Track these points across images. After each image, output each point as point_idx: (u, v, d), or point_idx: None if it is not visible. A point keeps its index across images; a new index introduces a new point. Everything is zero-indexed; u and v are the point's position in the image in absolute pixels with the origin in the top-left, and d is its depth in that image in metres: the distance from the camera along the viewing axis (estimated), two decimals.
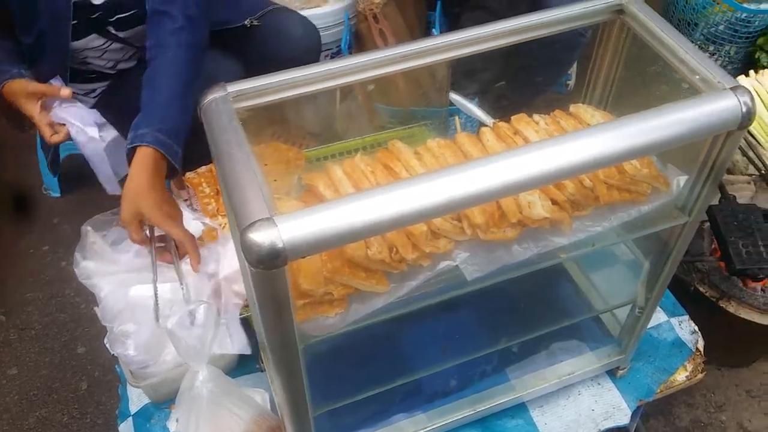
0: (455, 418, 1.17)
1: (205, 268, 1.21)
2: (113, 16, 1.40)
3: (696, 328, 1.35)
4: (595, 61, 1.07)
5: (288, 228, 0.65)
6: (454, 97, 1.57)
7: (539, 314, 1.25)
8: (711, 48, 2.37)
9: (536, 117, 1.04)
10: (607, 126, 0.79)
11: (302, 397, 0.88)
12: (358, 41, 2.04)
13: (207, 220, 1.31)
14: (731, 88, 0.81)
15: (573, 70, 2.33)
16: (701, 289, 1.47)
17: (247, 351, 1.18)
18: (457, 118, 1.68)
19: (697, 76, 0.86)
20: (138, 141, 1.16)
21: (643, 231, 1.01)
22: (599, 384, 1.27)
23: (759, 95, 2.06)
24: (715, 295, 1.46)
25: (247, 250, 0.66)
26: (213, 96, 0.83)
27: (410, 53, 0.94)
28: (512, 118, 1.03)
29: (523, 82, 2.13)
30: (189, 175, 1.43)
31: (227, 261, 1.20)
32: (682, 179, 0.98)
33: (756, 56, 2.31)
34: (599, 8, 0.97)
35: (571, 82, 2.35)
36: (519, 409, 1.23)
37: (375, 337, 1.06)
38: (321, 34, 1.87)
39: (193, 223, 1.31)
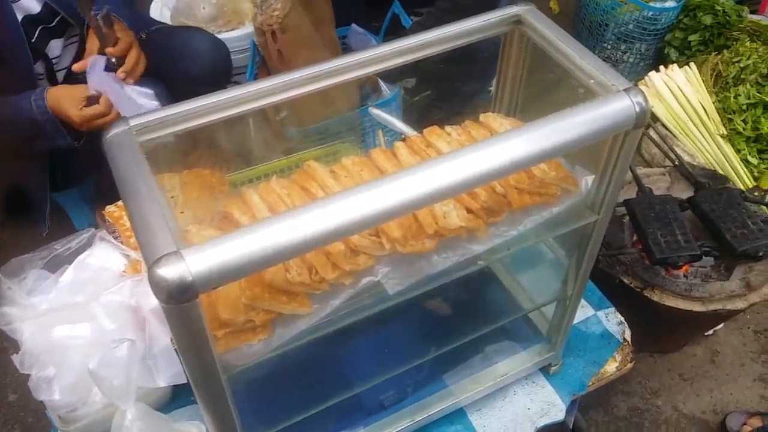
0: (395, 430, 1.17)
1: (129, 301, 1.18)
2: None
3: (622, 319, 1.39)
4: (500, 71, 1.10)
5: (196, 260, 0.64)
6: (374, 111, 1.59)
7: (470, 318, 1.28)
8: (623, 47, 2.46)
9: (448, 128, 1.06)
10: (512, 133, 0.82)
11: (232, 427, 0.87)
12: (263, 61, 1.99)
13: (131, 253, 1.28)
14: (625, 90, 0.85)
15: None
16: (626, 280, 1.52)
17: (177, 381, 1.16)
18: (380, 131, 1.70)
19: (593, 81, 0.89)
20: None
21: (557, 231, 1.04)
22: (534, 382, 1.30)
23: (670, 89, 2.15)
24: (640, 285, 1.52)
25: (155, 286, 0.65)
26: (115, 131, 0.81)
27: (321, 73, 0.95)
28: (424, 131, 1.05)
29: (450, 92, 2.17)
30: (109, 209, 1.40)
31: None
32: (590, 179, 1.01)
33: (665, 51, 2.41)
34: (497, 20, 1.00)
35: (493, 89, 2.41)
36: (457, 414, 1.25)
37: (306, 358, 1.06)
38: (239, 56, 1.87)
39: (116, 256, 1.28)
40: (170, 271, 0.64)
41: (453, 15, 1.76)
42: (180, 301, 0.65)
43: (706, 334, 1.79)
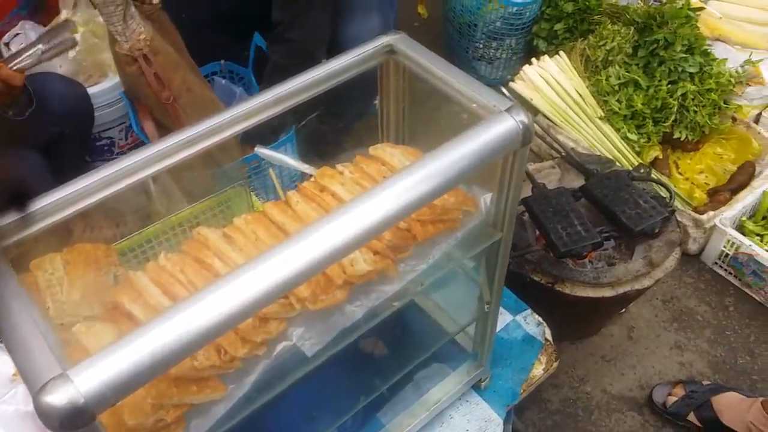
0: None
1: (26, 408, 1.08)
2: None
3: (540, 319, 1.41)
4: (381, 101, 1.08)
5: (87, 380, 0.58)
6: (262, 152, 1.53)
7: (399, 353, 1.25)
8: (494, 44, 2.51)
9: (340, 167, 1.02)
10: (411, 171, 0.78)
11: None
12: (132, 89, 1.85)
13: None
14: (506, 110, 0.84)
15: None
16: (536, 278, 1.54)
17: None
18: (271, 170, 1.65)
19: (474, 104, 0.88)
20: None
21: (465, 255, 1.03)
22: (467, 401, 1.29)
23: (545, 80, 2.21)
24: (550, 280, 1.54)
25: (44, 416, 0.57)
26: None
27: (205, 132, 0.90)
28: (316, 174, 1.01)
29: (337, 109, 2.14)
30: None
31: None
32: (488, 197, 1.00)
33: (535, 43, 2.48)
34: (371, 53, 0.98)
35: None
36: None
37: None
38: (108, 110, 1.77)
39: (4, 358, 1.16)
40: (58, 398, 0.57)
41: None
42: (75, 427, 0.58)
43: (619, 312, 1.84)
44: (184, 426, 0.80)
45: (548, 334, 1.38)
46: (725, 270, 1.98)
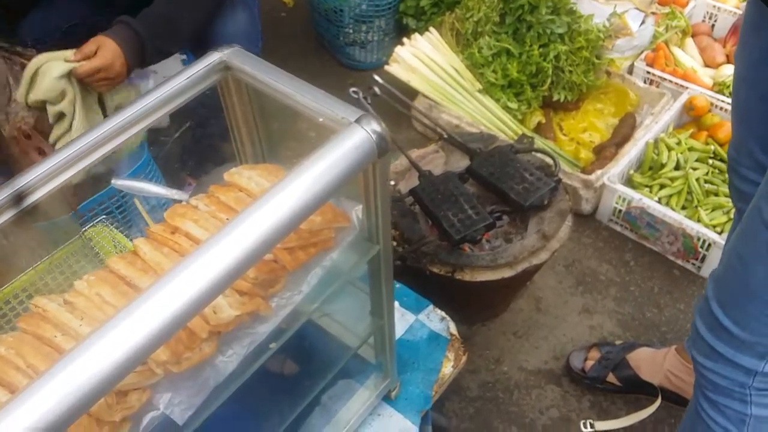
0: None
1: None
2: None
3: (443, 314, 1.36)
4: (229, 121, 0.99)
5: None
6: (119, 183, 1.41)
7: (302, 377, 1.17)
8: (364, 28, 2.44)
9: (193, 201, 0.92)
10: (261, 203, 0.70)
11: None
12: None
13: None
14: (356, 122, 0.77)
15: None
16: (435, 270, 1.50)
17: None
18: (136, 200, 1.52)
19: (321, 118, 0.81)
20: None
21: (346, 275, 0.95)
22: (379, 415, 1.23)
23: (419, 59, 2.16)
24: (449, 270, 1.50)
25: None
26: None
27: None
28: (165, 214, 0.90)
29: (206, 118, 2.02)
30: None
31: None
32: (359, 209, 0.94)
33: (404, 22, 2.43)
34: (203, 72, 0.88)
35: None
36: None
37: None
38: None
39: None
40: None
41: None
42: None
43: (525, 286, 1.83)
44: None
45: (453, 328, 1.34)
46: (621, 226, 2.00)
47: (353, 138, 0.76)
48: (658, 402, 1.53)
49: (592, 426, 1.59)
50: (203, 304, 0.63)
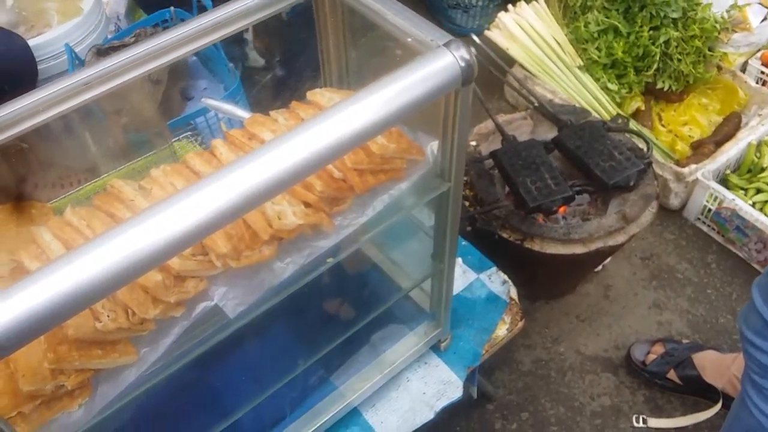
0: None
1: None
2: None
3: (506, 277, 1.34)
4: (320, 40, 0.99)
5: None
6: (208, 102, 1.45)
7: (348, 308, 1.19)
8: None
9: (273, 114, 0.94)
10: (333, 111, 0.70)
11: None
12: None
13: None
14: (445, 45, 0.75)
15: None
16: (504, 235, 1.47)
17: None
18: (221, 123, 1.56)
19: (410, 39, 0.79)
20: None
21: (411, 207, 0.95)
22: (426, 363, 1.22)
23: (522, 27, 2.11)
24: (519, 237, 1.46)
25: None
26: None
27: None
28: (245, 122, 0.92)
29: (302, 63, 2.05)
30: None
31: None
32: (435, 144, 0.92)
33: None
34: None
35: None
36: (351, 415, 1.16)
37: (161, 397, 0.93)
38: (53, 63, 1.68)
39: None
40: None
41: None
42: None
43: (595, 270, 1.78)
44: (90, 393, 0.73)
45: (513, 293, 1.31)
46: (708, 226, 1.90)
47: (439, 61, 0.74)
48: (718, 407, 1.46)
49: (644, 422, 1.53)
50: (260, 198, 0.64)
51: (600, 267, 1.78)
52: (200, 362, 0.81)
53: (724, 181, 1.92)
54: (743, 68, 2.17)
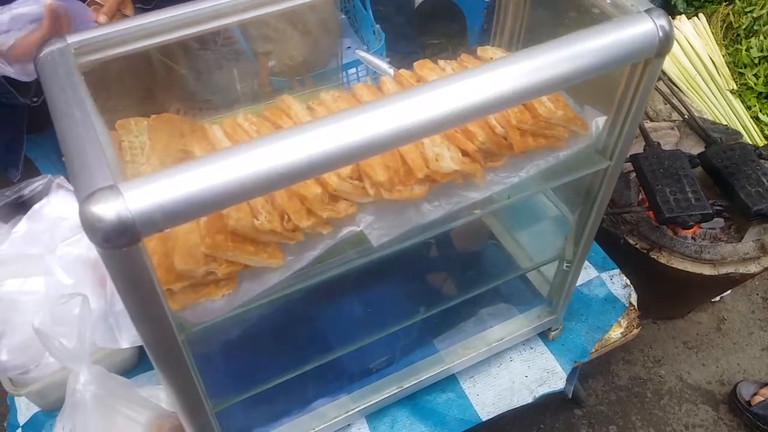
0: (381, 398, 1.08)
1: (88, 254, 1.07)
2: None
3: (628, 281, 1.29)
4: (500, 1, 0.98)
5: (137, 196, 0.53)
6: (363, 55, 1.46)
7: (462, 277, 1.18)
8: None
9: (441, 63, 0.94)
10: (512, 59, 0.69)
11: (195, 394, 0.77)
12: None
13: None
14: (646, 11, 0.73)
15: None
16: (631, 241, 1.42)
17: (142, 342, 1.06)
18: (368, 78, 1.58)
19: (608, 0, 0.77)
20: None
21: (563, 179, 0.92)
22: (531, 348, 1.20)
23: (678, 42, 2.03)
24: (646, 246, 1.41)
25: (88, 226, 0.54)
26: (49, 49, 0.69)
27: None
28: (415, 64, 0.93)
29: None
30: None
31: None
32: (601, 120, 0.90)
33: (672, 2, 2.28)
34: None
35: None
36: (449, 381, 1.15)
37: (279, 317, 0.95)
38: None
39: (74, 205, 1.16)
40: (104, 208, 0.53)
41: None
42: (118, 244, 0.54)
43: (712, 300, 1.69)
44: (234, 286, 0.75)
45: (633, 299, 1.27)
46: None
47: (636, 27, 0.72)
48: None
49: None
50: (424, 132, 0.64)
51: (718, 298, 1.69)
52: (331, 286, 0.82)
53: None
54: None
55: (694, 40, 2.02)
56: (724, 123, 1.93)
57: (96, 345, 1.01)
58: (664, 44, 0.73)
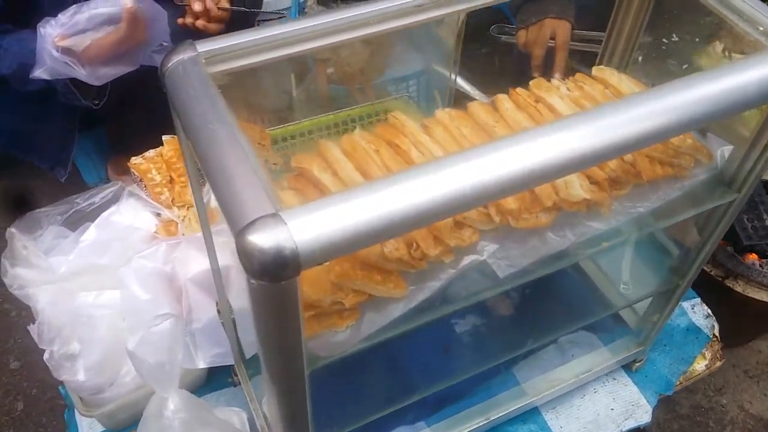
0: (467, 430, 1.03)
1: (164, 268, 1.02)
2: None
3: (709, 311, 1.25)
4: (616, 15, 0.93)
5: (301, 226, 0.48)
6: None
7: (550, 316, 1.10)
8: None
9: (555, 82, 0.89)
10: (661, 93, 0.63)
11: (305, 427, 0.72)
12: None
13: (164, 212, 1.11)
14: None
15: None
16: (706, 268, 1.37)
17: (222, 362, 1.01)
18: (436, 92, 1.53)
19: (761, 27, 0.72)
20: None
21: (686, 212, 0.88)
22: (614, 379, 1.15)
23: None
24: (721, 274, 1.37)
25: (246, 257, 0.49)
26: (179, 57, 0.64)
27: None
28: (531, 83, 0.88)
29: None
30: (135, 160, 1.22)
31: (193, 260, 1.01)
32: (727, 150, 0.85)
33: None
34: None
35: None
36: (531, 413, 1.10)
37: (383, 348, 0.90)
38: None
39: (146, 215, 1.11)
40: (267, 239, 0.48)
41: None
42: (278, 278, 0.50)
43: None
44: (358, 317, 0.71)
45: (717, 330, 1.22)
46: None
47: None
48: None
49: None
50: (566, 170, 0.58)
51: None
52: (447, 317, 0.78)
53: None
54: None
55: None
56: None
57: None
58: None
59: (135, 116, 1.52)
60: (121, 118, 1.60)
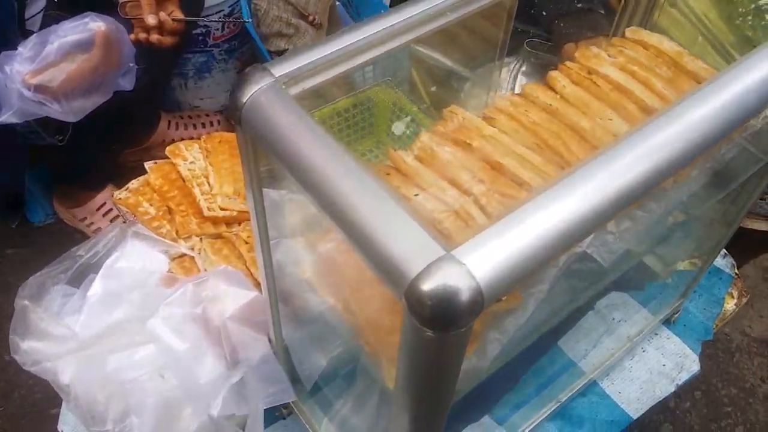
0: (537, 420, 1.00)
1: (195, 311, 0.92)
2: None
3: (725, 251, 1.26)
4: None
5: (479, 264, 0.43)
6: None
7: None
8: None
9: (594, 49, 0.85)
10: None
11: None
12: None
13: (176, 246, 1.01)
14: None
15: None
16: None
17: (280, 401, 0.93)
18: (413, 70, 1.47)
19: None
20: None
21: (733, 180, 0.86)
22: (657, 334, 1.15)
23: None
24: None
25: (424, 310, 0.43)
26: (258, 86, 0.55)
27: None
28: (575, 54, 0.83)
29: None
30: (120, 195, 1.10)
31: (226, 296, 0.92)
32: None
33: None
34: None
35: None
36: (589, 385, 1.08)
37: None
38: None
39: (154, 254, 1.00)
40: (448, 284, 0.42)
41: None
42: (463, 324, 0.44)
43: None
44: (479, 341, 0.65)
45: (735, 268, 1.24)
46: None
47: None
48: None
49: None
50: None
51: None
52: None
53: None
54: None
55: None
56: None
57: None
58: None
59: (84, 138, 1.37)
60: (66, 152, 1.44)
